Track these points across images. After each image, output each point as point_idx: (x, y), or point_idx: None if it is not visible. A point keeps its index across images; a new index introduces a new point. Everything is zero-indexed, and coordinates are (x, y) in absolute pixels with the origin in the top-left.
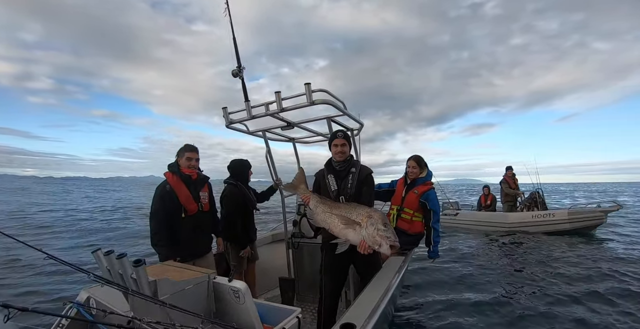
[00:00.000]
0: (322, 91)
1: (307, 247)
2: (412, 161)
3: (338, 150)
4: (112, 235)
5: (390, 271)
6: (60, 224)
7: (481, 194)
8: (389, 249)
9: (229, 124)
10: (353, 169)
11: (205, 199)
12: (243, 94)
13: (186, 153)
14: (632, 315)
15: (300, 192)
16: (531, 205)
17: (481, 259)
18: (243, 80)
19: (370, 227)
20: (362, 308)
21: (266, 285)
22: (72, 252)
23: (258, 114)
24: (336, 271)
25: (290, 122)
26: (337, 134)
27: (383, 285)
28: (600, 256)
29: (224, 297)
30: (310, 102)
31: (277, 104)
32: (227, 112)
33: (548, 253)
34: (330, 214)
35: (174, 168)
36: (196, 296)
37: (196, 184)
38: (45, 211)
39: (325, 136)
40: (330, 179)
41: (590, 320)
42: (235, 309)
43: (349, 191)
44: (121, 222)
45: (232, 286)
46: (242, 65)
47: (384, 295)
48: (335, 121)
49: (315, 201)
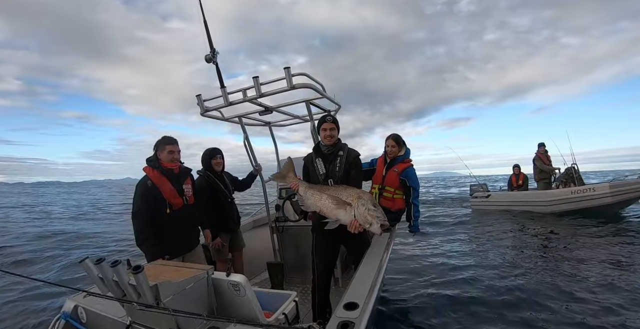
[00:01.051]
0: (302, 75)
1: (291, 230)
2: (390, 140)
3: (327, 134)
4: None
5: (380, 248)
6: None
7: (511, 175)
8: (379, 228)
9: (204, 112)
10: (341, 153)
11: (190, 192)
12: (218, 80)
13: (167, 146)
14: None
15: (289, 180)
16: (567, 181)
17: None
18: (217, 65)
19: (361, 207)
20: (361, 287)
21: (253, 270)
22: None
23: (235, 100)
24: (327, 251)
25: (268, 107)
26: (327, 118)
27: (375, 263)
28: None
29: (224, 291)
30: (291, 87)
31: (255, 90)
32: (202, 100)
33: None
34: (321, 197)
35: (154, 163)
36: (197, 294)
37: (179, 177)
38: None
39: (302, 118)
40: (319, 162)
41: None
42: (236, 303)
43: (337, 174)
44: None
45: (231, 280)
46: (215, 50)
47: (378, 273)
48: (313, 103)
49: (304, 187)
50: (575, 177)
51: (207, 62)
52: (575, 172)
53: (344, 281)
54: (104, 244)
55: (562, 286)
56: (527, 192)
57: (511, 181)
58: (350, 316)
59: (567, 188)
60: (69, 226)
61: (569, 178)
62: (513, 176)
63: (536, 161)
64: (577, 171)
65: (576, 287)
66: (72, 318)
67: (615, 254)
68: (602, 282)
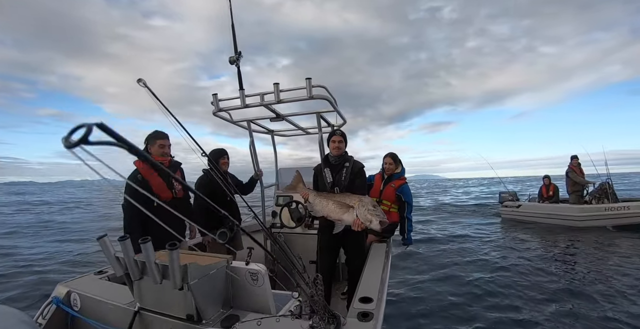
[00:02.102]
0: (321, 87)
1: (285, 237)
2: (388, 158)
3: (335, 145)
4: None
5: (380, 255)
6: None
7: (541, 185)
8: (379, 224)
9: (217, 111)
10: (347, 164)
11: (179, 185)
12: (238, 82)
13: (157, 141)
14: None
15: (299, 190)
16: (601, 196)
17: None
18: (239, 68)
19: (361, 208)
20: (371, 284)
21: None
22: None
23: (252, 103)
24: (330, 250)
25: (279, 114)
26: (336, 132)
27: (379, 266)
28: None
29: (241, 280)
30: (310, 97)
31: (274, 95)
32: (217, 99)
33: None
34: (327, 203)
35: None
36: (217, 281)
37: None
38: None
39: (305, 130)
40: (327, 171)
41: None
42: (251, 293)
43: (343, 183)
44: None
45: (251, 268)
46: (240, 53)
47: (384, 274)
48: (323, 116)
49: (313, 195)
50: (609, 192)
51: (231, 64)
52: (609, 187)
53: (335, 292)
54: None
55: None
56: (559, 206)
57: (541, 191)
58: (367, 308)
59: (601, 205)
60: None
61: (603, 193)
62: (543, 186)
63: (570, 173)
64: (611, 187)
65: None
66: (64, 303)
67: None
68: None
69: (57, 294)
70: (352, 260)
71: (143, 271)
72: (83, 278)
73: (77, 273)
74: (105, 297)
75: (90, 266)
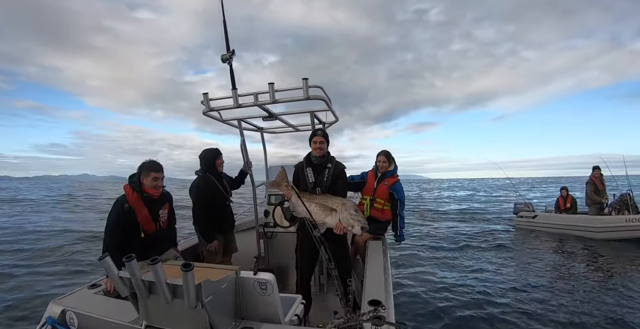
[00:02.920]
0: (317, 87)
1: (279, 236)
2: (382, 156)
3: (317, 146)
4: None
5: (378, 254)
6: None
7: (558, 196)
8: (360, 229)
9: (208, 111)
10: (329, 165)
11: (165, 217)
12: (231, 81)
13: (152, 173)
14: None
15: (283, 188)
16: (621, 208)
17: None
18: (231, 66)
19: (344, 212)
20: (376, 286)
21: None
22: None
23: (245, 103)
24: (310, 249)
25: (272, 114)
26: (317, 132)
27: (380, 266)
28: None
29: (249, 290)
30: (306, 97)
31: (270, 95)
32: (208, 99)
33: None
34: (310, 204)
35: (136, 185)
36: (228, 294)
37: (157, 203)
38: None
39: (295, 127)
40: (309, 171)
41: None
42: (260, 302)
43: (325, 184)
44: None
45: (260, 278)
46: (234, 50)
47: (386, 274)
48: (316, 116)
49: (296, 196)
50: (631, 204)
51: (223, 62)
52: (630, 199)
53: (329, 287)
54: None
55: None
56: (577, 216)
57: (558, 203)
58: (380, 314)
59: (622, 216)
60: None
61: (623, 205)
62: (560, 198)
63: (588, 185)
64: (632, 198)
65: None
66: (60, 324)
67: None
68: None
69: (51, 314)
70: (338, 259)
71: (151, 290)
72: (76, 293)
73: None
74: (105, 314)
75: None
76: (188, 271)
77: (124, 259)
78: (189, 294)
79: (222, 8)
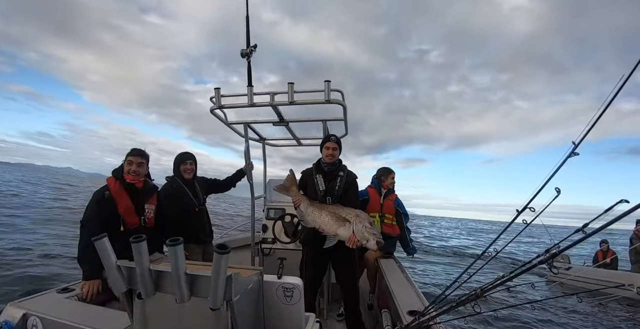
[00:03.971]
0: (337, 91)
1: (278, 253)
2: (394, 174)
3: (329, 152)
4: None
5: (395, 269)
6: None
7: (598, 250)
8: (375, 244)
9: (217, 108)
10: (341, 173)
11: (151, 213)
12: (247, 77)
13: (128, 158)
14: None
15: (292, 194)
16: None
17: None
18: (250, 62)
19: (359, 225)
20: (407, 297)
21: None
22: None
23: (259, 102)
24: (318, 263)
25: (284, 119)
26: (330, 138)
27: (402, 279)
28: None
29: (271, 298)
30: (327, 100)
31: (288, 96)
32: (220, 94)
33: None
34: (320, 214)
35: (118, 173)
36: (252, 299)
37: (141, 195)
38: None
39: (299, 141)
40: (319, 179)
41: None
42: (284, 311)
43: (337, 193)
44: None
45: (285, 282)
46: (255, 46)
47: (411, 285)
48: (328, 125)
49: (306, 203)
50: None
51: (242, 57)
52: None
53: (329, 314)
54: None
55: None
56: (618, 273)
57: (597, 257)
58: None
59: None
60: None
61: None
62: (600, 252)
63: (634, 240)
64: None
65: None
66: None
67: None
68: None
69: (9, 318)
70: (345, 279)
71: (158, 285)
72: (42, 296)
73: None
74: (82, 322)
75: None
76: (224, 253)
77: (132, 239)
78: (216, 288)
79: (247, 3)
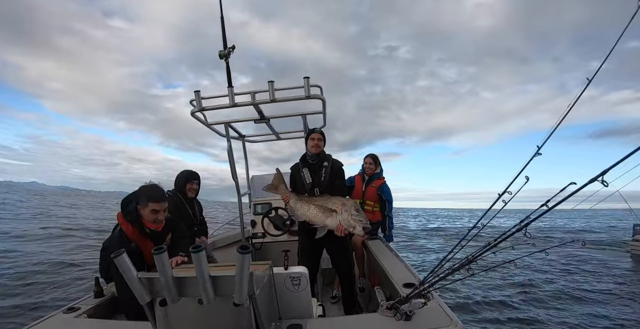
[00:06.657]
0: (316, 87)
1: (268, 247)
2: (368, 158)
3: (314, 143)
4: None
5: (383, 248)
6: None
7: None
8: (362, 230)
9: (198, 110)
10: (325, 163)
11: (167, 244)
12: (227, 78)
13: (150, 204)
14: None
15: (281, 192)
16: None
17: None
18: (228, 63)
19: (345, 213)
20: (400, 271)
21: None
22: None
23: (241, 102)
24: (312, 252)
25: (265, 116)
26: (316, 130)
27: (391, 255)
28: None
29: (280, 286)
30: (307, 96)
31: (269, 94)
32: (200, 97)
33: None
34: (309, 208)
35: (133, 217)
36: (268, 291)
37: (162, 235)
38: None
39: (278, 135)
40: (305, 172)
41: None
42: (293, 298)
43: (323, 184)
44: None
45: (292, 272)
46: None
47: (402, 261)
48: (307, 119)
49: (294, 199)
50: None
51: (220, 58)
52: None
53: (323, 297)
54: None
55: None
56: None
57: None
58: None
59: None
60: None
61: None
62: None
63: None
64: None
65: None
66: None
67: None
68: None
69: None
70: (340, 263)
71: (181, 291)
72: (50, 319)
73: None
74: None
75: None
76: (246, 253)
77: (153, 251)
78: (241, 285)
79: (221, 4)
